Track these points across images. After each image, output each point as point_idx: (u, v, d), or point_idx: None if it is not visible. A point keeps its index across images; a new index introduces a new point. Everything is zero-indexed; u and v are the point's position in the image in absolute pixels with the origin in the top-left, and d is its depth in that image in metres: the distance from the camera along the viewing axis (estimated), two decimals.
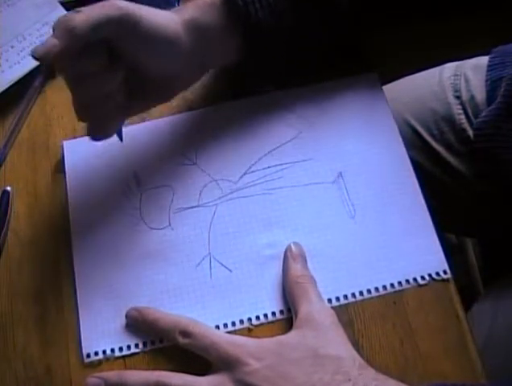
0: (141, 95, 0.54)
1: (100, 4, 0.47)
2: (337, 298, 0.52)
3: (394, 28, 0.61)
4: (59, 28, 0.45)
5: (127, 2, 0.48)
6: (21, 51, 0.63)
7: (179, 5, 0.66)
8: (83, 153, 0.59)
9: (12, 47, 0.64)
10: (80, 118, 0.51)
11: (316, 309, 0.49)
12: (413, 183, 0.56)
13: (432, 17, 0.60)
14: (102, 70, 0.48)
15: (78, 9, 0.47)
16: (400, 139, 0.58)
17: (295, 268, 0.51)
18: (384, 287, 0.52)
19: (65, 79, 0.49)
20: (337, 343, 0.47)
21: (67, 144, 0.59)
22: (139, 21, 0.48)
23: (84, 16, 0.45)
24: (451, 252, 0.55)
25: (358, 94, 0.60)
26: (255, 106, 0.60)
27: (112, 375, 0.48)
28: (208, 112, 0.60)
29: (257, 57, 0.56)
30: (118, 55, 0.49)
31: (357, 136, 0.59)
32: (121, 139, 0.55)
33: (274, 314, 0.51)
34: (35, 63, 0.62)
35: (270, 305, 0.52)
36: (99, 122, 0.51)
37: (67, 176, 0.58)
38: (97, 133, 0.52)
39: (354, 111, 0.60)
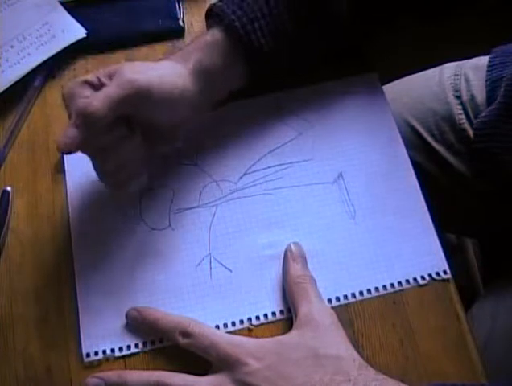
0: (157, 143, 0.54)
1: (114, 82, 0.48)
2: (337, 298, 0.52)
3: (394, 28, 0.61)
4: (79, 115, 0.46)
5: (137, 73, 0.49)
6: (21, 51, 0.63)
7: (181, 12, 0.66)
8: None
9: (12, 47, 0.64)
10: (107, 184, 0.53)
11: (316, 309, 0.49)
12: (413, 183, 0.56)
13: (432, 17, 0.61)
14: (123, 139, 0.50)
15: (88, 79, 0.48)
16: (400, 139, 0.58)
17: (295, 268, 0.51)
18: (384, 287, 0.52)
19: (89, 156, 0.50)
20: (337, 343, 0.47)
21: None
22: (152, 89, 0.49)
23: (102, 99, 0.46)
24: (451, 252, 0.55)
25: (358, 94, 0.60)
26: (255, 106, 0.60)
27: (112, 375, 0.48)
28: (208, 112, 0.60)
29: (261, 78, 0.57)
30: (134, 120, 0.51)
31: (357, 136, 0.59)
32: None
33: (274, 314, 0.51)
34: (35, 63, 0.62)
35: (270, 305, 0.52)
36: (124, 182, 0.53)
37: (67, 176, 0.58)
38: (123, 189, 0.54)
39: (354, 111, 0.60)
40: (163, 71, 0.51)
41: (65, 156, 0.58)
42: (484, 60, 0.74)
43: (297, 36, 0.56)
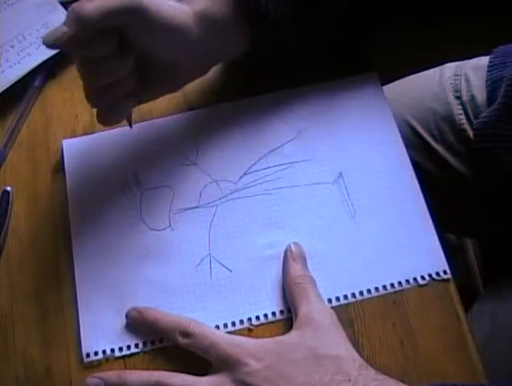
0: (149, 83, 0.54)
1: None
2: (337, 298, 0.52)
3: (395, 28, 0.61)
4: (69, 15, 0.46)
5: None
6: (21, 51, 0.63)
7: None
8: (83, 153, 0.59)
9: (12, 47, 0.64)
10: (91, 103, 0.51)
11: (316, 309, 0.49)
12: (413, 183, 0.56)
13: (433, 17, 0.61)
14: (112, 55, 0.49)
15: None
16: (400, 139, 0.58)
17: (295, 268, 0.51)
18: (384, 287, 0.52)
19: (76, 63, 0.50)
20: (337, 343, 0.47)
21: (66, 143, 0.59)
22: (147, 10, 0.48)
23: (94, 4, 0.46)
24: (451, 252, 0.55)
25: (358, 94, 0.60)
26: (255, 106, 0.60)
27: (112, 375, 0.48)
28: (208, 112, 0.60)
29: (265, 49, 0.56)
30: (128, 43, 0.50)
31: (358, 136, 0.59)
32: (130, 125, 0.55)
33: (274, 314, 0.51)
34: (35, 63, 0.62)
35: (270, 305, 0.52)
36: (109, 108, 0.52)
37: (67, 176, 0.58)
38: (106, 119, 0.52)
39: (354, 111, 0.60)
40: (166, 1, 0.51)
41: (65, 155, 0.58)
42: (484, 60, 0.74)
43: (305, 13, 0.55)
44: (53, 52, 0.62)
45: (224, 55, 0.57)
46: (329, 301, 0.52)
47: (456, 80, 0.75)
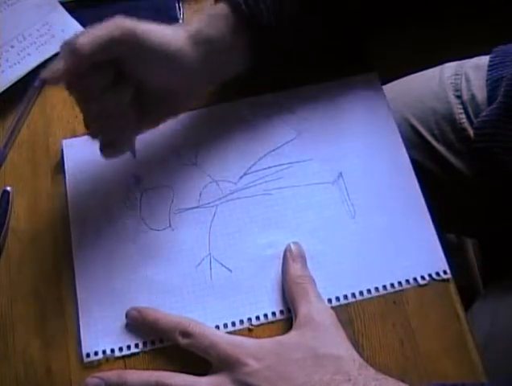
0: (150, 110, 0.54)
1: (104, 24, 0.47)
2: (337, 298, 0.52)
3: (395, 29, 0.61)
4: (65, 50, 0.46)
5: (130, 21, 0.48)
6: (21, 51, 0.63)
7: (180, 12, 0.66)
8: (83, 153, 0.58)
9: (12, 47, 0.64)
10: (92, 134, 0.51)
11: (316, 309, 0.49)
12: (413, 183, 0.56)
13: (433, 18, 0.60)
14: (110, 87, 0.49)
15: (84, 30, 0.47)
16: (400, 139, 0.58)
17: (295, 268, 0.51)
18: (384, 287, 0.52)
19: (75, 98, 0.50)
20: (337, 343, 0.47)
21: (66, 143, 0.59)
22: (142, 39, 0.48)
23: (89, 37, 0.46)
24: (451, 252, 0.55)
25: (358, 94, 0.60)
26: (255, 106, 0.60)
27: (112, 375, 0.48)
28: (208, 112, 0.60)
29: (265, 63, 0.56)
30: (126, 73, 0.49)
31: (357, 136, 0.59)
32: (134, 155, 0.55)
33: (274, 314, 0.51)
34: (35, 63, 0.62)
35: (270, 305, 0.52)
36: (111, 139, 0.51)
37: (67, 176, 0.58)
38: (110, 152, 0.52)
39: (354, 111, 0.60)
40: (158, 27, 0.51)
41: (65, 155, 0.59)
42: (484, 60, 0.74)
43: (302, 20, 0.55)
44: (53, 52, 0.62)
45: (223, 74, 0.57)
46: (329, 301, 0.52)
47: (456, 80, 0.75)
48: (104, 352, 0.50)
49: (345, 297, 0.52)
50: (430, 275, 0.52)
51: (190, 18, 0.66)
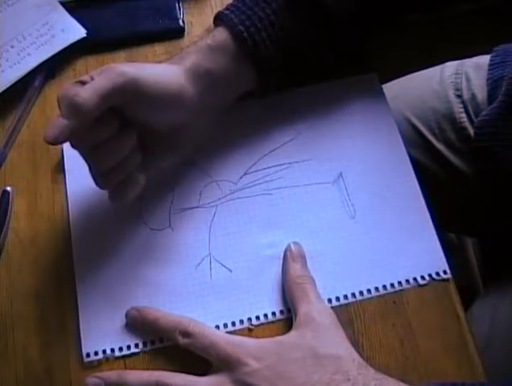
0: (158, 150, 0.54)
1: (103, 74, 0.47)
2: (337, 298, 0.52)
3: (395, 28, 0.61)
4: (67, 107, 0.45)
5: (127, 66, 0.48)
6: (21, 51, 0.63)
7: (181, 12, 0.66)
8: None
9: (12, 47, 0.64)
10: (101, 186, 0.51)
11: (316, 309, 0.49)
12: (413, 183, 0.56)
13: (433, 16, 0.60)
14: (115, 137, 0.48)
15: (81, 78, 0.47)
16: (400, 139, 0.58)
17: (295, 268, 0.51)
18: (384, 287, 0.52)
19: (81, 153, 0.49)
20: (337, 343, 0.47)
21: (67, 143, 0.59)
22: (143, 85, 0.48)
23: (91, 90, 0.45)
24: (451, 252, 0.55)
25: (358, 94, 0.60)
26: (255, 106, 0.60)
27: (112, 374, 0.48)
28: None
29: (269, 85, 0.56)
30: (128, 118, 0.49)
31: (357, 136, 0.59)
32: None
33: (274, 314, 0.51)
34: (35, 63, 0.62)
35: (270, 305, 0.52)
36: (120, 187, 0.51)
37: (67, 176, 0.58)
38: (119, 198, 0.52)
39: (354, 111, 0.60)
40: (156, 68, 0.51)
41: (65, 156, 0.59)
42: (485, 59, 0.74)
43: (307, 46, 0.56)
44: (53, 52, 0.62)
45: (226, 102, 0.56)
46: (329, 301, 0.52)
47: (456, 79, 0.75)
48: (104, 352, 0.50)
49: (345, 297, 0.52)
50: (430, 275, 0.52)
51: (190, 36, 0.65)
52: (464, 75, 0.74)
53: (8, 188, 0.57)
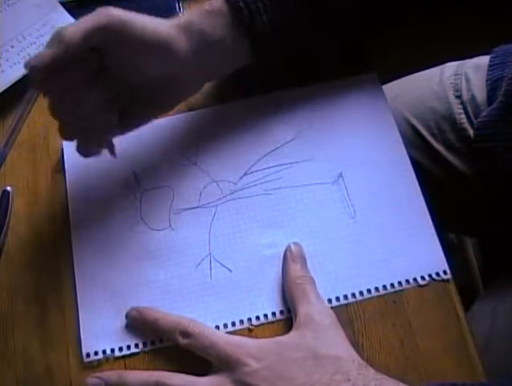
0: (138, 107, 0.53)
1: (92, 14, 0.47)
2: (337, 298, 0.52)
3: (394, 28, 0.61)
4: (53, 38, 0.46)
5: (118, 9, 0.48)
6: (21, 51, 0.63)
7: (180, 8, 0.66)
8: None
9: (12, 47, 0.64)
10: (64, 137, 0.51)
11: (315, 309, 0.49)
12: (413, 184, 0.56)
13: (433, 16, 0.60)
14: (87, 84, 0.48)
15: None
16: (400, 139, 0.58)
17: (295, 268, 0.51)
18: (384, 287, 0.52)
19: (49, 96, 0.49)
20: (336, 343, 0.47)
21: (66, 144, 0.59)
22: (129, 25, 0.48)
23: (77, 26, 0.46)
24: (451, 252, 0.55)
25: (358, 94, 0.60)
26: (255, 106, 0.60)
27: (112, 374, 0.48)
28: (208, 112, 0.60)
29: (265, 62, 0.56)
30: (113, 68, 0.49)
31: (357, 136, 0.59)
32: (113, 155, 0.55)
33: (274, 314, 0.51)
34: None
35: (270, 305, 0.52)
36: (85, 140, 0.51)
37: (67, 176, 0.58)
38: (83, 151, 0.52)
39: (354, 111, 0.60)
40: (147, 17, 0.50)
41: (65, 156, 0.59)
42: (484, 60, 0.74)
43: (308, 29, 0.55)
44: None
45: (220, 69, 0.56)
46: (329, 301, 0.52)
47: (456, 80, 0.75)
48: (104, 352, 0.50)
49: (345, 297, 0.52)
50: (430, 275, 0.52)
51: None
52: (464, 76, 0.74)
53: (8, 188, 0.57)
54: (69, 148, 0.59)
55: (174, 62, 0.51)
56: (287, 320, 0.51)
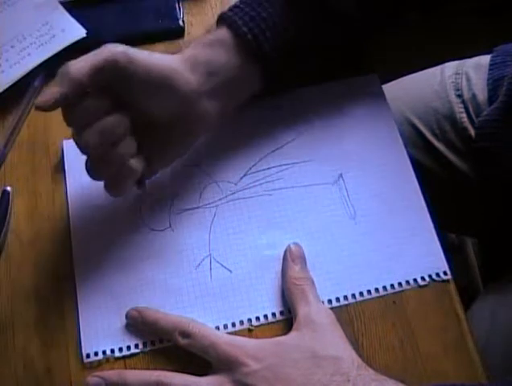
0: (160, 150, 0.53)
1: (96, 50, 0.47)
2: (337, 299, 0.52)
3: (395, 28, 0.61)
4: (59, 74, 0.46)
5: (122, 46, 0.48)
6: (21, 51, 0.63)
7: (181, 12, 0.66)
8: None
9: (12, 47, 0.64)
10: (95, 175, 0.51)
11: (315, 310, 0.49)
12: (413, 184, 0.56)
13: (433, 17, 0.60)
14: (107, 117, 0.48)
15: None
16: (400, 140, 0.58)
17: (294, 269, 0.51)
18: (384, 288, 0.52)
19: (72, 126, 0.49)
20: (336, 344, 0.47)
21: (67, 143, 0.59)
22: (132, 62, 0.48)
23: (82, 61, 0.46)
24: (451, 252, 0.55)
25: (359, 95, 0.60)
26: (256, 107, 0.60)
27: (112, 374, 0.49)
28: None
29: (276, 83, 0.56)
30: (123, 102, 0.49)
31: (358, 137, 0.59)
32: (139, 188, 0.54)
33: (274, 314, 0.51)
34: (35, 63, 0.62)
35: (270, 305, 0.52)
36: (116, 176, 0.51)
37: (67, 176, 0.58)
38: (116, 188, 0.51)
39: (354, 112, 0.60)
40: (150, 53, 0.50)
41: (65, 156, 0.59)
42: (485, 59, 0.74)
43: (310, 40, 0.56)
44: (53, 52, 0.62)
45: (234, 100, 0.55)
46: (329, 301, 0.52)
47: (457, 79, 0.75)
48: (104, 352, 0.50)
49: (345, 297, 0.52)
50: (430, 276, 0.52)
51: (190, 25, 0.65)
52: (465, 76, 0.74)
53: (8, 188, 0.57)
54: (69, 148, 0.59)
55: (180, 97, 0.51)
56: (287, 321, 0.51)
